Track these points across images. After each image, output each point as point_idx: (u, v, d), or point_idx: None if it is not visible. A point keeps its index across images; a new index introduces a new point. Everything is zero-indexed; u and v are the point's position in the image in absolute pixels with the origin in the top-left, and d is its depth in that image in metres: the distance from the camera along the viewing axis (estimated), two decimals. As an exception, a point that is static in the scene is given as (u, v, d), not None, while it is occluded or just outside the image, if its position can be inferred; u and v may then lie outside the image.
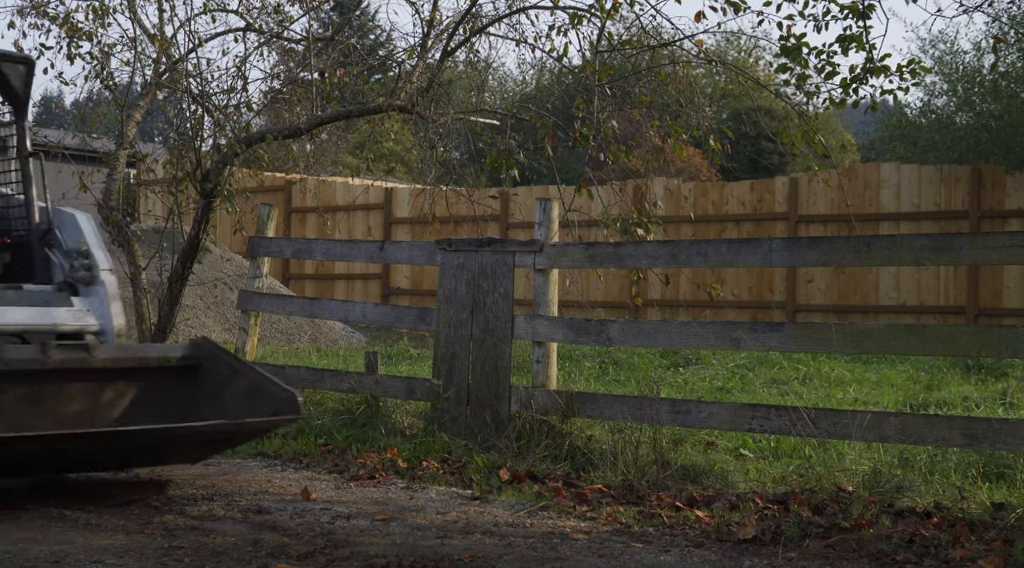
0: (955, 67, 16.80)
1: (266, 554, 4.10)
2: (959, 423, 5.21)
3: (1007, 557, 4.11)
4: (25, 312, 5.65)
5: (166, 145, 10.65)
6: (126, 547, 4.19)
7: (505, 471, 5.75)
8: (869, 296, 14.86)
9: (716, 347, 6.12)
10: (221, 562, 3.99)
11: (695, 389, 9.03)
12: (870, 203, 14.95)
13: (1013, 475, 5.35)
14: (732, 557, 4.19)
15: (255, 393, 5.59)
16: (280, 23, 11.12)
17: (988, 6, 8.08)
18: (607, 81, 8.86)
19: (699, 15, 8.88)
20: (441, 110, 10.06)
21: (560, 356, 10.35)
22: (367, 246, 7.63)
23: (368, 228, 18.78)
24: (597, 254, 6.50)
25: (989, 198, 14.29)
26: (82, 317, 5.85)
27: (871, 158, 21.19)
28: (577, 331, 6.36)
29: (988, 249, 5.18)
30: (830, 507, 4.88)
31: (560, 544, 4.37)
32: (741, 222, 15.86)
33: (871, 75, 7.78)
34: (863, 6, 7.43)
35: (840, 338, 5.48)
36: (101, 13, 10.23)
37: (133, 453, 5.35)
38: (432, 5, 10.05)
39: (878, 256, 5.54)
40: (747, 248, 5.91)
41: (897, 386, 9.34)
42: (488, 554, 4.15)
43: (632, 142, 10.55)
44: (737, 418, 5.78)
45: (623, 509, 5.03)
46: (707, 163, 17.63)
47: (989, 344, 5.20)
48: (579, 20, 9.26)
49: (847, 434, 5.36)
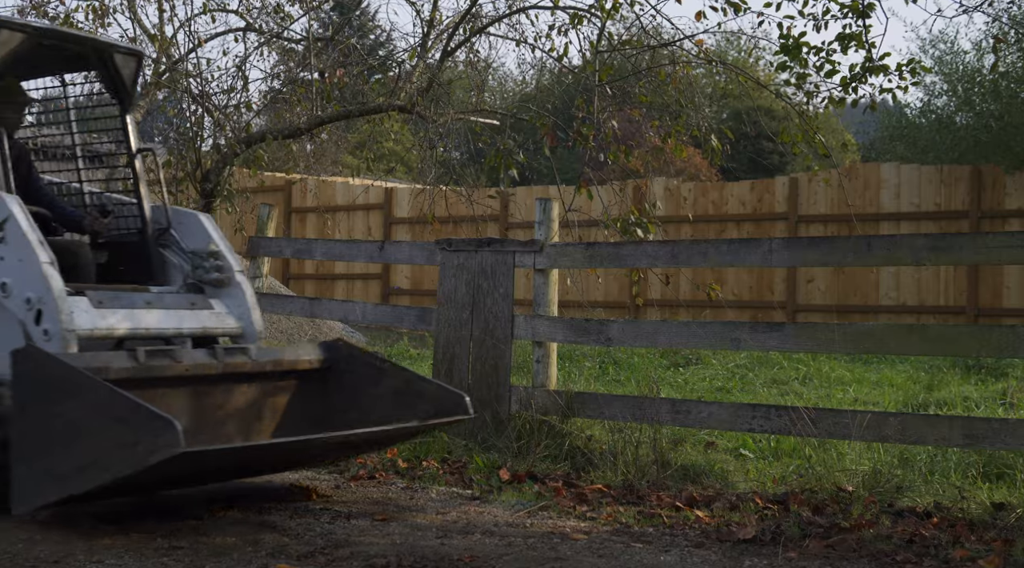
0: (955, 67, 16.78)
1: (266, 554, 4.10)
2: (959, 423, 5.21)
3: (1007, 557, 4.11)
4: (176, 316, 5.38)
5: (166, 145, 10.65)
6: (126, 547, 4.19)
7: (505, 471, 5.75)
8: (869, 296, 14.86)
9: (716, 347, 6.12)
10: (221, 562, 3.99)
11: (695, 389, 9.03)
12: (870, 203, 14.95)
13: (1013, 475, 5.36)
14: (732, 557, 4.19)
15: (406, 394, 5.43)
16: (280, 23, 11.13)
17: (988, 6, 8.09)
18: (607, 81, 8.87)
19: (699, 15, 8.90)
20: (441, 110, 10.07)
21: (560, 356, 10.35)
22: (367, 246, 7.63)
23: (368, 228, 18.78)
24: (597, 254, 6.50)
25: (989, 198, 14.29)
26: (224, 320, 5.59)
27: (871, 158, 21.18)
28: (577, 331, 6.36)
29: (988, 249, 5.18)
30: (830, 507, 4.88)
31: (560, 544, 4.37)
32: (741, 222, 15.86)
33: (871, 74, 7.80)
34: (863, 5, 7.44)
35: (840, 338, 5.48)
36: (101, 13, 10.24)
37: (302, 459, 5.33)
38: (432, 5, 10.06)
39: (878, 256, 5.54)
40: (747, 248, 5.91)
41: (897, 386, 9.34)
42: (488, 554, 4.15)
43: (632, 142, 10.56)
44: (737, 418, 5.78)
45: (623, 509, 5.03)
46: (707, 163, 17.63)
47: (989, 344, 5.20)
48: (579, 20, 9.27)
49: (847, 434, 5.36)
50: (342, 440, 4.98)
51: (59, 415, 4.30)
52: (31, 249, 4.82)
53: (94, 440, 4.23)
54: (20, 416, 4.40)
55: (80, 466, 4.24)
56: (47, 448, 4.33)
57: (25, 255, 4.81)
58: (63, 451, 4.28)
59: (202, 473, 4.80)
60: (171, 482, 4.87)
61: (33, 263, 4.80)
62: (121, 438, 4.15)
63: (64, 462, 4.27)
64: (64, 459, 4.27)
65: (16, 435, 4.40)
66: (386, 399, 5.44)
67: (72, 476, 4.25)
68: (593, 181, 8.79)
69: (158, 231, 5.83)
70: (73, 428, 4.28)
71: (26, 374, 4.41)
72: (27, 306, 4.78)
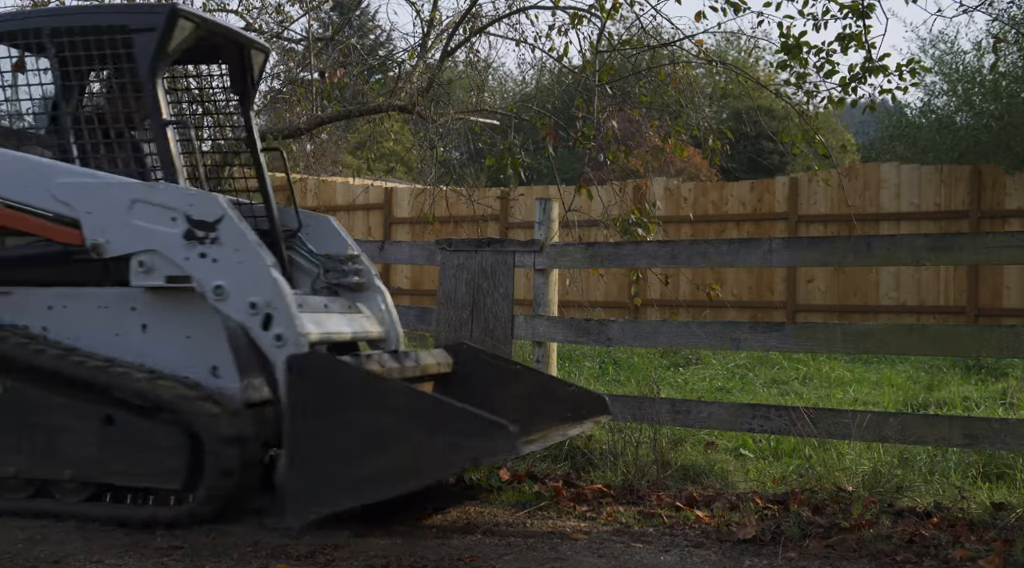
0: (955, 67, 16.79)
1: (266, 554, 4.10)
2: (959, 423, 5.21)
3: (1007, 557, 4.11)
4: (347, 320, 5.27)
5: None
6: (126, 547, 4.19)
7: (505, 471, 5.75)
8: (869, 296, 14.86)
9: (716, 347, 6.11)
10: (221, 562, 3.99)
11: (695, 389, 9.03)
12: (870, 203, 14.95)
13: (1013, 475, 5.36)
14: (732, 557, 4.19)
15: (539, 396, 5.34)
16: (280, 23, 11.13)
17: (988, 6, 8.09)
18: (607, 81, 8.87)
19: (699, 15, 8.90)
20: (441, 110, 10.08)
21: (560, 356, 10.35)
22: (367, 246, 7.62)
23: (368, 228, 18.79)
24: (597, 254, 6.50)
25: (989, 198, 14.29)
26: (373, 324, 5.47)
27: (871, 158, 21.18)
28: (577, 331, 6.36)
29: (988, 249, 5.18)
30: (830, 507, 4.88)
31: (560, 544, 4.37)
32: (741, 222, 15.86)
33: (870, 74, 7.80)
34: (863, 5, 7.44)
35: (840, 338, 5.48)
36: (101, 13, 10.22)
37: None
38: (432, 5, 10.06)
39: (878, 256, 5.54)
40: (747, 248, 5.91)
41: (897, 386, 9.34)
42: (488, 554, 4.15)
43: (632, 142, 10.56)
44: (737, 418, 5.78)
45: (623, 509, 5.03)
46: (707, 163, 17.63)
47: (989, 344, 5.20)
48: (579, 20, 9.27)
49: (847, 434, 5.37)
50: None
51: (356, 422, 4.18)
52: (254, 251, 4.68)
53: (405, 445, 4.12)
54: (300, 424, 4.27)
55: (384, 472, 4.14)
56: (337, 456, 4.20)
57: (246, 257, 4.66)
58: (361, 458, 4.18)
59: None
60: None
61: (257, 266, 4.66)
62: (443, 443, 4.06)
63: (360, 469, 4.16)
64: (361, 466, 4.16)
65: (292, 444, 4.28)
66: (519, 401, 5.31)
67: (371, 483, 4.17)
68: (593, 181, 8.80)
69: (286, 233, 5.58)
70: (377, 434, 4.17)
71: (311, 381, 4.28)
72: (251, 311, 4.63)
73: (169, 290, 4.74)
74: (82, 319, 4.86)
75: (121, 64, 5.06)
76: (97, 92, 5.67)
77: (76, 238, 4.81)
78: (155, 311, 4.77)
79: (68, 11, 5.32)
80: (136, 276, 4.74)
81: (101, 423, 4.59)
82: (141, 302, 4.78)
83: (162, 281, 4.71)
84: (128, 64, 5.03)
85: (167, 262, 4.69)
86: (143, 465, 4.51)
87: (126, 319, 4.79)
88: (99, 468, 4.58)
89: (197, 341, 4.70)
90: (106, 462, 4.57)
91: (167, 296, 4.76)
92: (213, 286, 4.65)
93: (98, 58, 5.10)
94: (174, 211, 4.73)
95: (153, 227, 4.73)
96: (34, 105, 5.45)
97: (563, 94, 15.35)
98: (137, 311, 4.78)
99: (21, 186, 4.92)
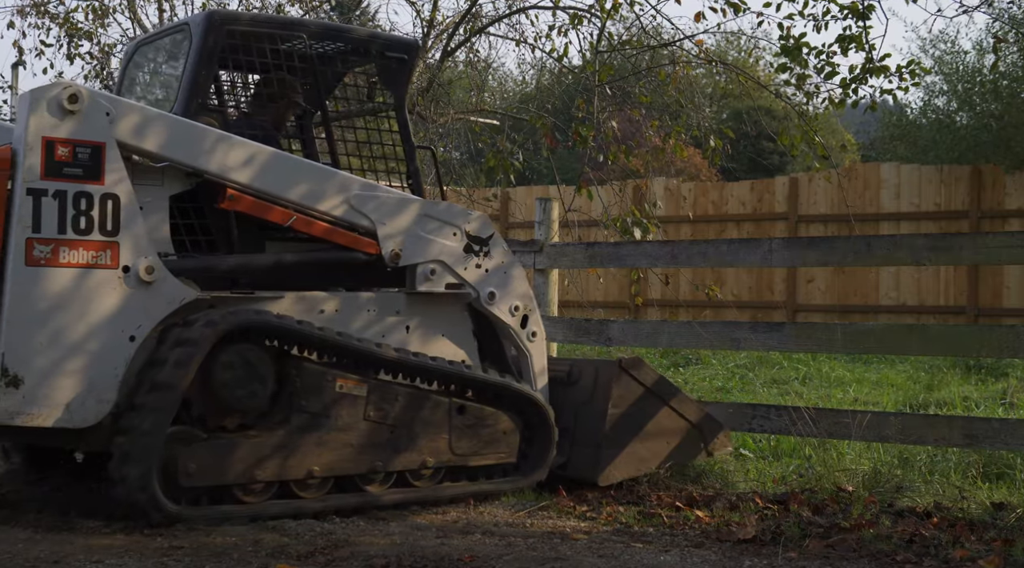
0: (955, 67, 16.79)
1: (266, 554, 4.10)
2: (959, 423, 5.21)
3: (1007, 557, 4.11)
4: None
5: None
6: (126, 547, 4.18)
7: (505, 471, 5.74)
8: (869, 296, 14.86)
9: (716, 347, 6.12)
10: (221, 562, 3.99)
11: (695, 389, 9.03)
12: (870, 203, 14.95)
13: (1013, 475, 5.36)
14: (732, 557, 4.19)
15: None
16: (280, 23, 11.10)
17: (988, 6, 8.09)
18: (607, 81, 8.87)
19: (699, 15, 8.90)
20: (441, 110, 10.08)
21: (560, 356, 10.33)
22: (367, 246, 7.62)
23: (368, 228, 18.79)
24: (597, 254, 6.50)
25: (989, 198, 14.29)
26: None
27: (871, 158, 21.17)
28: (577, 331, 6.36)
29: (988, 249, 5.18)
30: (830, 507, 4.88)
31: (560, 544, 4.37)
32: (741, 222, 15.87)
33: (871, 75, 7.80)
34: (863, 6, 7.44)
35: (840, 338, 5.49)
36: (101, 13, 10.24)
37: None
38: (432, 5, 10.07)
39: (878, 256, 5.54)
40: (747, 248, 5.91)
41: (897, 386, 9.35)
42: (488, 554, 4.14)
43: (632, 142, 10.56)
44: (737, 418, 5.78)
45: (623, 509, 5.03)
46: (707, 163, 17.63)
47: (989, 344, 5.20)
48: (579, 20, 9.27)
49: (847, 434, 5.37)
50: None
51: (647, 413, 5.46)
52: (515, 263, 5.48)
53: (674, 436, 5.54)
54: (619, 409, 5.42)
55: (656, 454, 5.47)
56: (635, 438, 5.41)
57: (508, 268, 5.43)
58: (644, 441, 5.45)
59: None
60: None
61: (518, 275, 5.47)
62: (691, 434, 5.56)
63: (645, 450, 5.44)
64: (645, 447, 5.45)
65: (608, 425, 5.37)
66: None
67: (643, 462, 5.44)
68: (593, 181, 8.80)
69: None
70: (661, 424, 5.50)
71: (637, 380, 5.47)
72: (512, 313, 5.42)
73: (427, 295, 5.22)
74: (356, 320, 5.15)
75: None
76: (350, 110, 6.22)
77: (372, 247, 5.09)
78: (414, 314, 5.21)
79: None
80: (421, 283, 5.20)
81: (456, 413, 5.12)
82: (403, 305, 5.20)
83: (442, 288, 5.25)
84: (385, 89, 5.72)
85: (448, 271, 5.25)
86: (489, 446, 5.20)
87: (391, 321, 5.18)
88: (452, 453, 5.11)
89: (449, 339, 5.30)
90: (458, 447, 5.13)
91: (422, 300, 5.23)
92: (488, 292, 5.34)
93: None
94: (455, 227, 5.29)
95: (440, 240, 5.25)
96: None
97: (563, 94, 15.36)
98: (401, 314, 5.19)
99: (321, 196, 4.98)
